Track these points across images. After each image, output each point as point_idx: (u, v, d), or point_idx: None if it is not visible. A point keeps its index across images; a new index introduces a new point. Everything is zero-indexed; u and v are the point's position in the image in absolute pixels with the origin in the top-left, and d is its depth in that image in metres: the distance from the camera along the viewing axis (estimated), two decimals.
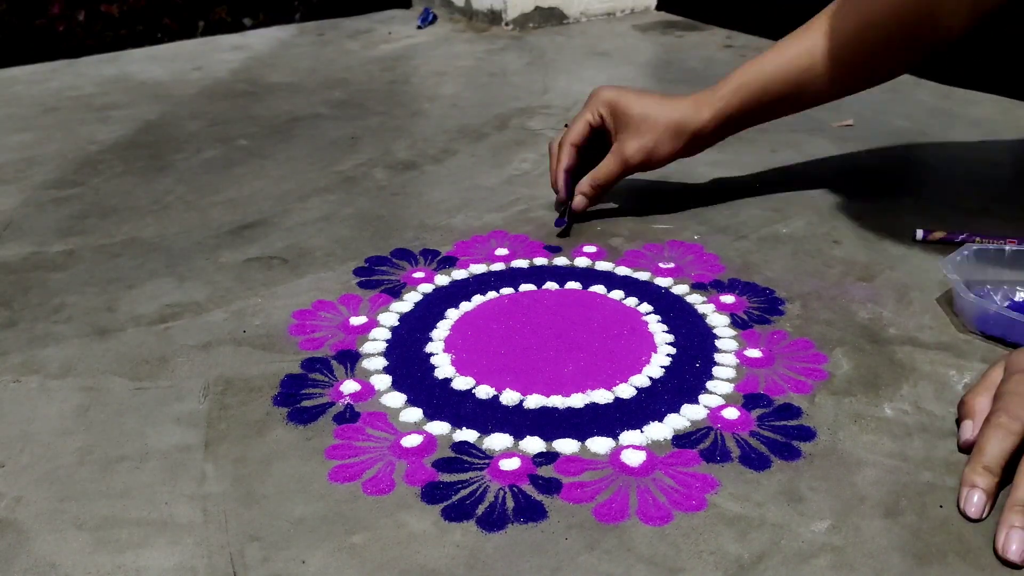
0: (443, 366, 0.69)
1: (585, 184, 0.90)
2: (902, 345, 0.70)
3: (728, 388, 0.66)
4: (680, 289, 0.79)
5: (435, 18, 1.77)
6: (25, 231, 0.94)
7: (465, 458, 0.59)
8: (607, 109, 0.89)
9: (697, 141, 0.89)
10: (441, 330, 0.74)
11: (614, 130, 0.89)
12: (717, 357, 0.69)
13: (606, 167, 0.89)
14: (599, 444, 0.60)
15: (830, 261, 0.83)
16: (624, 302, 0.77)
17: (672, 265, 0.83)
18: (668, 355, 0.70)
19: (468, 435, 0.61)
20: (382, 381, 0.67)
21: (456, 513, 0.55)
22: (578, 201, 0.90)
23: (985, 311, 0.70)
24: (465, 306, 0.77)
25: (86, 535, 0.54)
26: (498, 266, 0.84)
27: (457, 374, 0.68)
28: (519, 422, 0.62)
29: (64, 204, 1.00)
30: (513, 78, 1.43)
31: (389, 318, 0.75)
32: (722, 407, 0.64)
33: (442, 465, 0.59)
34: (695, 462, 0.58)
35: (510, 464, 0.58)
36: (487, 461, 0.59)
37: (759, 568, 0.50)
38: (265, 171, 1.08)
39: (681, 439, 0.61)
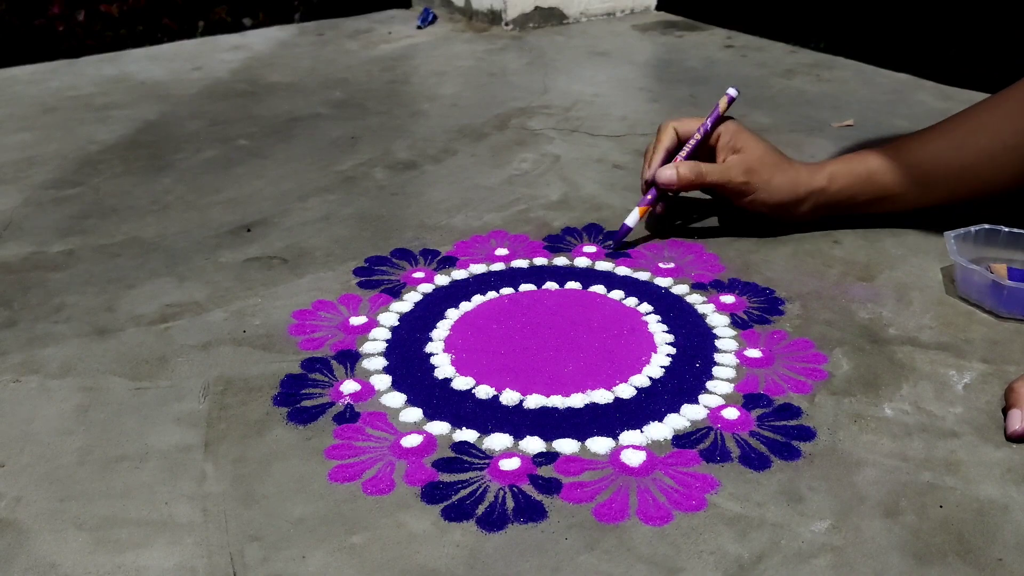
0: (443, 366, 0.69)
1: (686, 164, 0.83)
2: (902, 345, 0.70)
3: (728, 388, 0.66)
4: (680, 289, 0.79)
5: (435, 18, 1.77)
6: (25, 231, 0.94)
7: (465, 458, 0.59)
8: (725, 127, 0.85)
9: (814, 194, 0.83)
10: (441, 330, 0.74)
11: (724, 148, 0.84)
12: (717, 357, 0.69)
13: (714, 167, 0.83)
14: (599, 444, 0.60)
15: (830, 261, 0.83)
16: (624, 302, 0.77)
17: (672, 265, 0.83)
18: (668, 355, 0.70)
19: (468, 435, 0.61)
20: (382, 381, 0.67)
21: (456, 513, 0.55)
22: (668, 174, 0.83)
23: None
24: (465, 306, 0.77)
25: (86, 535, 0.54)
26: (498, 266, 0.84)
27: (457, 374, 0.68)
28: (519, 422, 0.62)
29: (64, 204, 1.00)
30: (513, 78, 1.43)
31: (389, 318, 0.75)
32: (722, 407, 0.64)
33: (442, 465, 0.59)
34: (695, 462, 0.59)
35: (510, 464, 0.58)
36: (487, 461, 0.59)
37: (759, 568, 0.50)
38: (265, 171, 1.08)
39: (681, 439, 0.61)
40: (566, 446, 0.60)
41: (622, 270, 0.82)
